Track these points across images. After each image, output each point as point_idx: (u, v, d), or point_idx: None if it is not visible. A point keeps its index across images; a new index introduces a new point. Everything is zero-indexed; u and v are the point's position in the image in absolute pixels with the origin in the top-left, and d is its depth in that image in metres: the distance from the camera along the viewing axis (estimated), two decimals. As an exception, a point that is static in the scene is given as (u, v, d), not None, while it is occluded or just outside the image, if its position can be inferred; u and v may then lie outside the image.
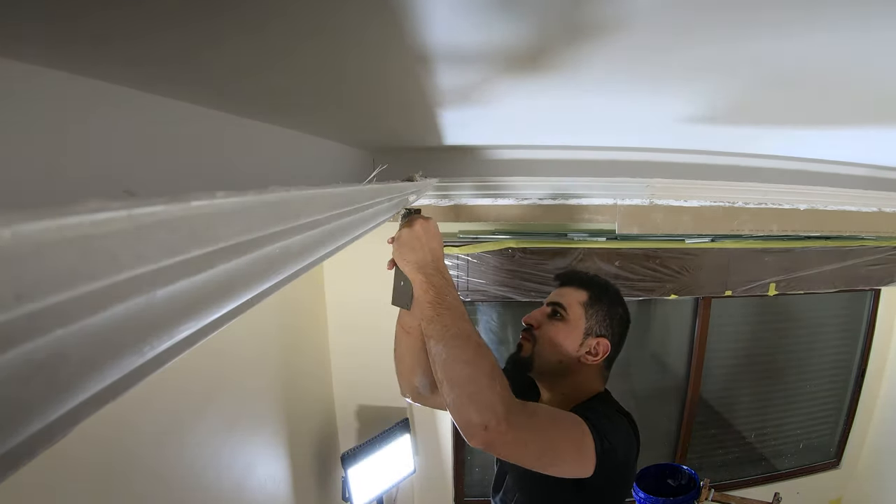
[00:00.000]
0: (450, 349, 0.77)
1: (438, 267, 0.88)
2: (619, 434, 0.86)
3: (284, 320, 1.74)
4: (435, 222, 0.93)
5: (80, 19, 0.34)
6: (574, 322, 1.01)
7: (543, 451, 0.78)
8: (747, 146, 1.33)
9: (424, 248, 0.88)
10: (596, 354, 1.00)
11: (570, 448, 0.80)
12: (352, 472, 1.82)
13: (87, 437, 0.84)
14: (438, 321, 0.80)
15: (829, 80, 0.63)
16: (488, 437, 0.71)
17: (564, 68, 0.57)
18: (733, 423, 2.53)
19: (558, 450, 0.80)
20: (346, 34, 0.45)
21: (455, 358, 0.76)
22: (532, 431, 0.76)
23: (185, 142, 0.62)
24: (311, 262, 0.43)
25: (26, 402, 0.16)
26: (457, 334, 0.78)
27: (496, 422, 0.70)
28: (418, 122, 1.01)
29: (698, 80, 0.65)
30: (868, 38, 0.47)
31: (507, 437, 0.71)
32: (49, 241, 0.15)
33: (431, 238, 0.90)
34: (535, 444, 0.76)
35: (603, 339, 1.00)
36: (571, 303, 1.03)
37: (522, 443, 0.75)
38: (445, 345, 0.78)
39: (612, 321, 1.02)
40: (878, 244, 2.23)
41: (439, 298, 0.83)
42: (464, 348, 0.77)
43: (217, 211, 0.24)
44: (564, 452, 0.80)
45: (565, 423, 0.82)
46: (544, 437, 0.78)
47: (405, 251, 0.89)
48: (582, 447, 0.80)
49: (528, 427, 0.75)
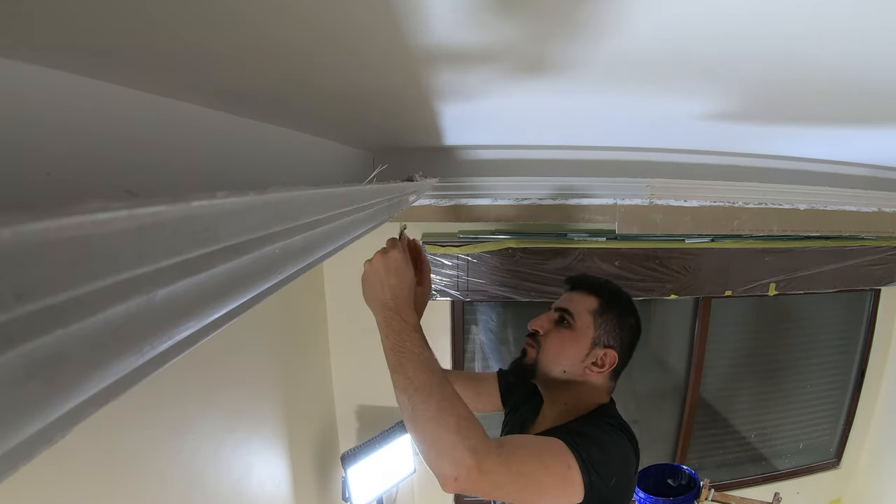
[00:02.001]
0: (414, 404, 0.75)
1: (398, 307, 0.82)
2: (609, 463, 0.81)
3: (284, 320, 1.74)
4: (400, 253, 0.86)
5: (83, 26, 0.34)
6: (581, 331, 0.97)
7: (524, 487, 0.75)
8: (747, 146, 1.33)
9: (383, 285, 0.83)
10: (602, 366, 0.95)
11: (554, 482, 0.77)
12: (352, 472, 1.82)
13: (87, 437, 0.84)
14: (401, 372, 0.77)
15: (830, 81, 0.63)
16: (460, 487, 0.71)
17: (565, 68, 0.57)
18: (733, 423, 2.53)
19: (541, 485, 0.77)
20: (347, 34, 0.45)
21: (420, 414, 0.74)
22: (508, 474, 0.74)
23: (186, 142, 0.62)
24: (311, 262, 0.43)
25: (26, 402, 0.16)
26: (419, 388, 0.75)
27: (466, 472, 0.70)
28: (418, 123, 1.01)
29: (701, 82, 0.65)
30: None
31: (479, 483, 0.71)
32: (49, 241, 0.15)
33: (391, 274, 0.83)
34: (513, 485, 0.75)
35: (611, 351, 0.96)
36: (580, 310, 0.98)
37: (498, 485, 0.74)
38: (409, 399, 0.75)
39: (621, 331, 0.98)
40: (878, 244, 2.23)
41: (399, 345, 0.79)
42: (427, 403, 0.74)
43: (217, 211, 0.24)
44: (548, 487, 0.77)
45: (548, 458, 0.79)
46: (523, 475, 0.75)
47: (364, 288, 0.85)
48: (566, 480, 0.77)
49: (504, 470, 0.74)
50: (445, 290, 2.05)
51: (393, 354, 0.79)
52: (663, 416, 2.44)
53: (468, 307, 2.23)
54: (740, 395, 2.52)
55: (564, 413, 0.96)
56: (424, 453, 0.74)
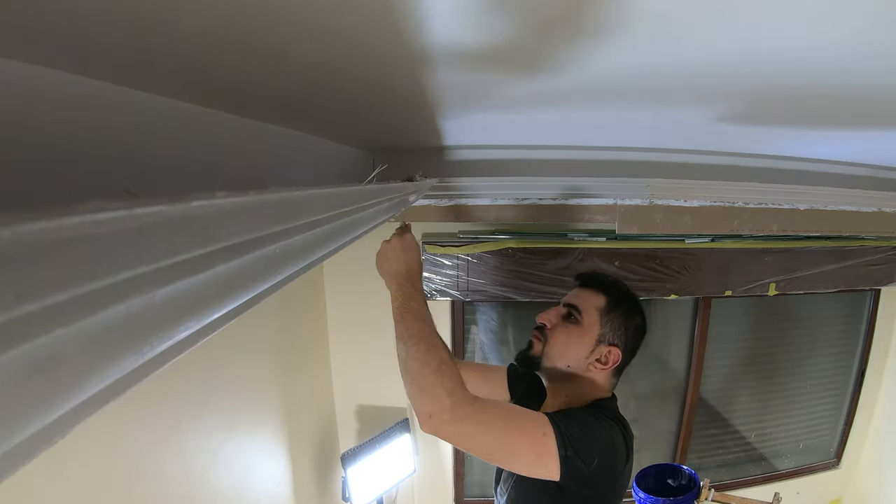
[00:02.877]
0: (408, 347, 0.86)
1: (411, 278, 0.97)
2: (592, 443, 0.84)
3: (284, 320, 1.74)
4: (412, 236, 1.03)
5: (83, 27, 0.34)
6: (588, 327, 0.99)
7: (494, 445, 0.82)
8: (747, 146, 1.33)
9: (399, 260, 0.98)
10: (606, 363, 0.98)
11: (526, 447, 0.82)
12: (352, 472, 1.82)
13: (87, 437, 0.84)
14: (402, 324, 0.90)
15: (834, 93, 0.63)
16: (433, 425, 0.79)
17: (565, 68, 0.57)
18: (733, 423, 2.53)
19: (512, 447, 0.82)
20: (348, 35, 0.45)
21: (411, 356, 0.85)
22: (479, 424, 0.81)
23: (186, 142, 0.62)
24: (311, 262, 0.43)
25: (26, 402, 0.16)
26: (413, 335, 0.87)
27: (441, 410, 0.79)
28: (419, 123, 1.01)
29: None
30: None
31: (451, 425, 0.79)
32: (49, 241, 0.15)
33: (407, 250, 0.99)
34: (482, 436, 0.81)
35: (615, 349, 0.98)
36: (588, 307, 1.01)
37: (469, 434, 0.81)
38: (405, 344, 0.87)
39: (626, 330, 1.00)
40: (878, 244, 2.23)
41: (405, 304, 0.92)
42: (418, 346, 0.86)
43: (217, 211, 0.24)
44: (519, 451, 0.83)
45: (524, 423, 0.85)
46: (494, 432, 0.81)
47: (381, 261, 1.00)
48: (540, 448, 0.81)
49: (476, 420, 0.81)
50: (445, 290, 2.05)
51: (398, 312, 0.92)
52: (663, 416, 2.44)
53: (468, 307, 2.23)
54: (740, 395, 2.52)
55: (565, 404, 0.99)
56: (408, 391, 0.84)
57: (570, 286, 1.10)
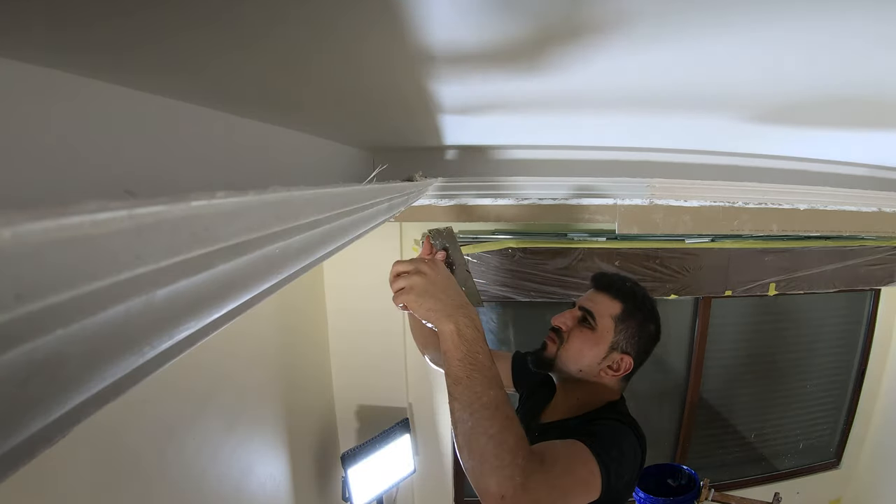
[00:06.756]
0: (476, 420, 0.70)
1: (469, 313, 0.75)
2: (624, 463, 0.84)
3: (284, 320, 1.74)
4: (443, 254, 0.90)
5: (92, 26, 0.34)
6: (602, 333, 0.99)
7: (556, 499, 0.75)
8: (747, 146, 1.33)
9: (447, 292, 0.76)
10: (617, 370, 0.99)
11: (581, 491, 0.78)
12: (352, 472, 1.82)
13: (87, 437, 0.84)
14: (468, 385, 0.71)
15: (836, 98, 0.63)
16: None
17: (565, 68, 0.57)
18: (733, 423, 2.53)
19: (569, 493, 0.77)
20: (347, 35, 0.45)
21: (481, 430, 0.69)
22: (547, 489, 0.73)
23: (185, 141, 0.62)
24: (311, 262, 0.43)
25: (26, 402, 0.16)
26: (486, 404, 0.70)
27: (513, 491, 0.67)
28: (419, 122, 1.01)
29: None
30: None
31: (521, 500, 0.68)
32: (49, 241, 0.15)
33: (449, 279, 0.79)
34: (547, 497, 0.73)
35: (627, 357, 0.99)
36: (603, 313, 1.01)
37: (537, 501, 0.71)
38: (472, 414, 0.70)
39: (640, 339, 1.01)
40: (878, 244, 2.23)
41: (471, 356, 0.72)
42: (492, 420, 0.69)
43: (217, 211, 0.24)
44: (574, 494, 0.78)
45: (576, 468, 0.79)
46: (558, 489, 0.75)
47: (424, 301, 0.76)
48: (589, 485, 0.79)
49: (545, 487, 0.72)
50: (445, 290, 2.05)
51: (462, 367, 0.72)
52: (663, 416, 2.44)
53: (468, 307, 2.23)
54: (740, 395, 2.52)
55: (576, 407, 1.00)
56: (474, 468, 0.70)
57: (570, 286, 1.11)
